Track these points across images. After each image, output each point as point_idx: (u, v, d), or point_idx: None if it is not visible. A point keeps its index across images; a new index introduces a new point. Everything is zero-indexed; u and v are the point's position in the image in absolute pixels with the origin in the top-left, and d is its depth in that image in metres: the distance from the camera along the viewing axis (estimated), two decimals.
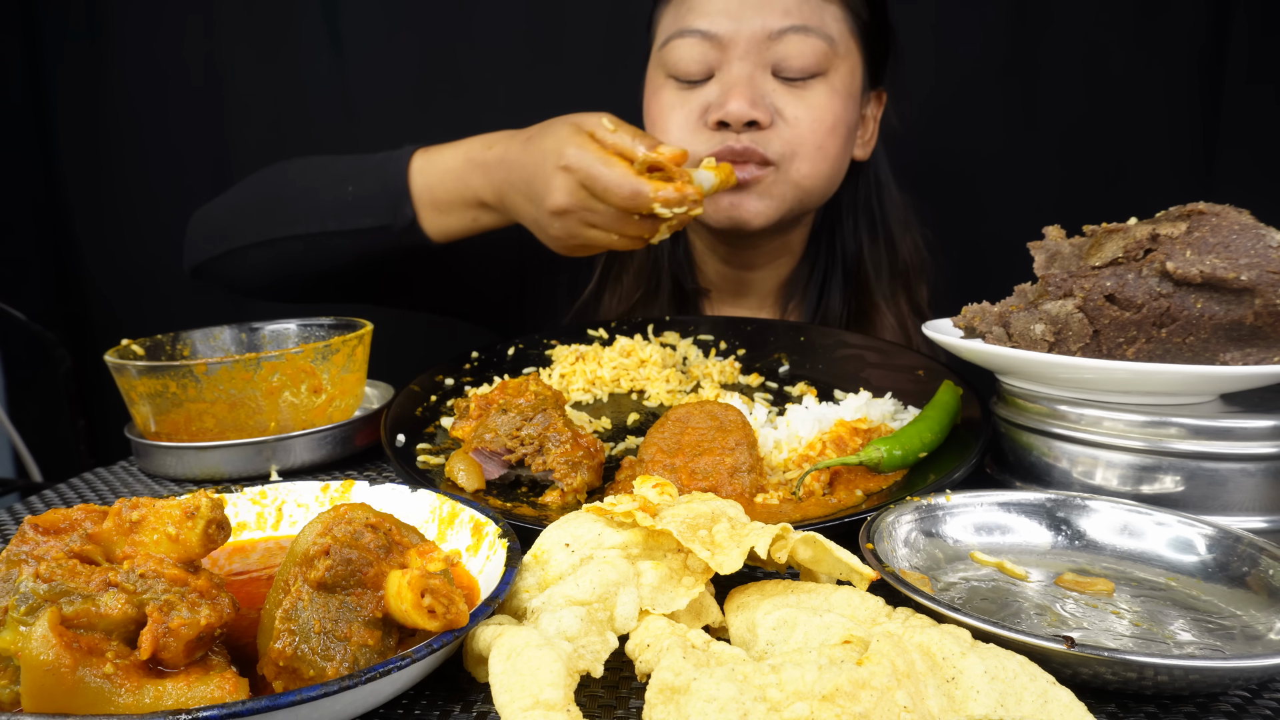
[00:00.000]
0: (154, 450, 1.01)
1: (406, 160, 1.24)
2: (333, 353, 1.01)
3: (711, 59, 1.27)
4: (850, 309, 1.46)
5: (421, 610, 0.52)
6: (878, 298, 1.45)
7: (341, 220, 1.26)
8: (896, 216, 1.49)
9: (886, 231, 1.48)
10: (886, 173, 1.50)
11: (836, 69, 1.29)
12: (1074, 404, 0.83)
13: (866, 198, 1.48)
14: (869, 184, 1.48)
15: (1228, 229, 0.78)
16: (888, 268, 1.48)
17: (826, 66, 1.28)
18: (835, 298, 1.47)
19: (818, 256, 1.49)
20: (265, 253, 1.31)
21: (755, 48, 1.25)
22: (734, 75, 1.25)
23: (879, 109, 1.45)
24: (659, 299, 1.48)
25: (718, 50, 1.26)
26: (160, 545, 0.54)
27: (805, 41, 1.25)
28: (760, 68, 1.26)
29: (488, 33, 1.98)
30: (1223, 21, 1.79)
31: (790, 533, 0.61)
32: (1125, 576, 0.70)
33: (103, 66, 2.10)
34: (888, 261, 1.48)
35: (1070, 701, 0.51)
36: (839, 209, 1.48)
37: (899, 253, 1.49)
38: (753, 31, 1.24)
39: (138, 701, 0.48)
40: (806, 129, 1.27)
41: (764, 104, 1.25)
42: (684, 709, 0.47)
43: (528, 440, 0.89)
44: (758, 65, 1.26)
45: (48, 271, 2.24)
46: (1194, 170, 1.87)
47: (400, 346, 1.75)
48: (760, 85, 1.26)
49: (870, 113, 1.44)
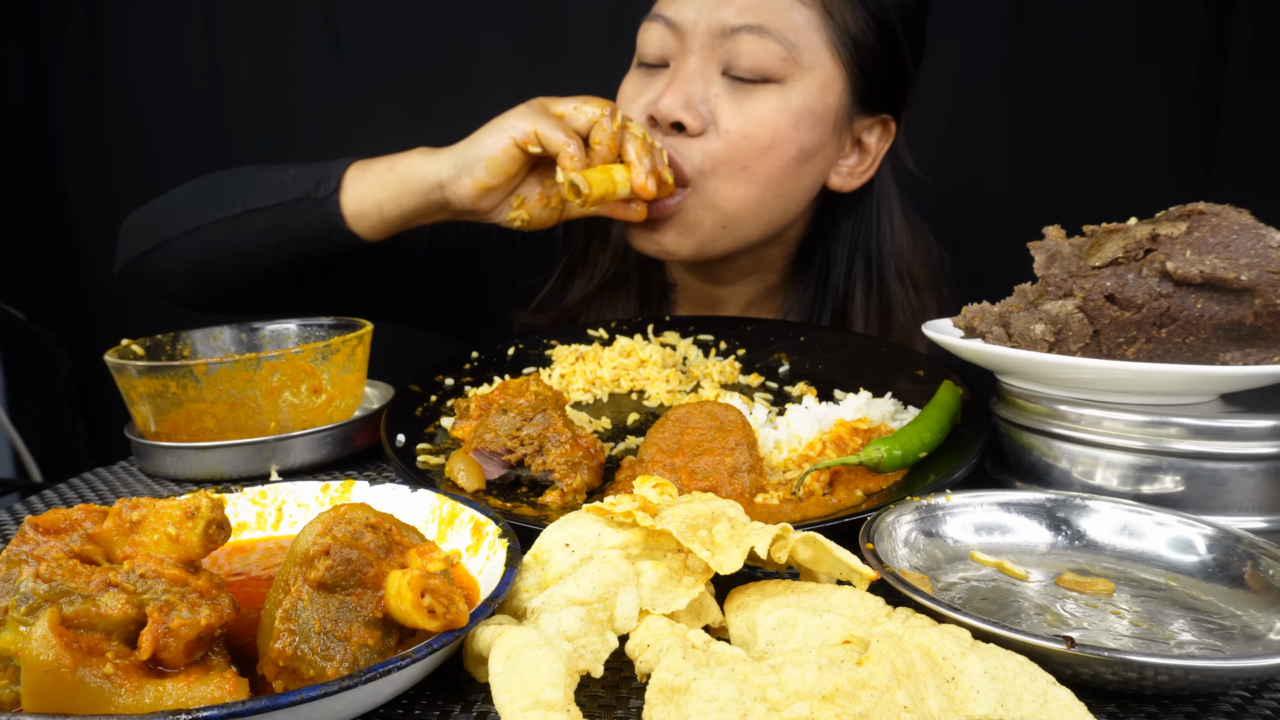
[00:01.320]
0: (154, 450, 1.01)
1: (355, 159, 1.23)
2: (333, 353, 1.01)
3: (670, 49, 1.22)
4: None
5: (421, 610, 0.52)
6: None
7: (264, 197, 1.22)
8: (895, 265, 1.37)
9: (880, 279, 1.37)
10: (891, 212, 1.37)
11: (797, 80, 1.19)
12: (1074, 404, 0.83)
13: (865, 235, 1.37)
14: (869, 219, 1.36)
15: (1228, 229, 0.78)
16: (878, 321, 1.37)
17: (783, 74, 1.18)
18: None
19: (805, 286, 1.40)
20: (188, 243, 1.26)
21: (709, 41, 1.18)
22: (681, 68, 1.20)
23: (886, 140, 1.33)
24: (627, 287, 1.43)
25: (677, 39, 1.21)
26: (160, 545, 0.54)
27: (759, 42, 1.16)
28: (712, 64, 1.19)
29: (488, 33, 1.98)
30: (1222, 21, 1.79)
31: (790, 533, 0.61)
32: (1125, 576, 0.70)
33: (103, 67, 2.10)
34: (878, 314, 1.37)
35: (1070, 701, 0.51)
36: (834, 239, 1.38)
37: (892, 307, 1.37)
38: (709, 24, 1.18)
39: (138, 702, 0.48)
40: (732, 144, 1.18)
41: (698, 108, 1.18)
42: (684, 709, 0.47)
43: (528, 440, 0.89)
44: (708, 61, 1.19)
45: (48, 271, 2.24)
46: (1194, 170, 1.87)
47: (400, 347, 1.75)
48: (705, 84, 1.19)
49: (872, 142, 1.32)
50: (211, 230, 1.25)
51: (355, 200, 1.19)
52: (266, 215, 1.22)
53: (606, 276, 1.43)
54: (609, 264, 1.43)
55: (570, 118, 1.13)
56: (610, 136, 1.12)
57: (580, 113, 1.13)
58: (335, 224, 1.20)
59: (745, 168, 1.19)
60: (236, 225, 1.23)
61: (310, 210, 1.20)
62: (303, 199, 1.20)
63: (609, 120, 1.12)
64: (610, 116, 1.13)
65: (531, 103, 1.14)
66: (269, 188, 1.23)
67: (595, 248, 1.45)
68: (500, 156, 1.12)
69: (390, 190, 1.18)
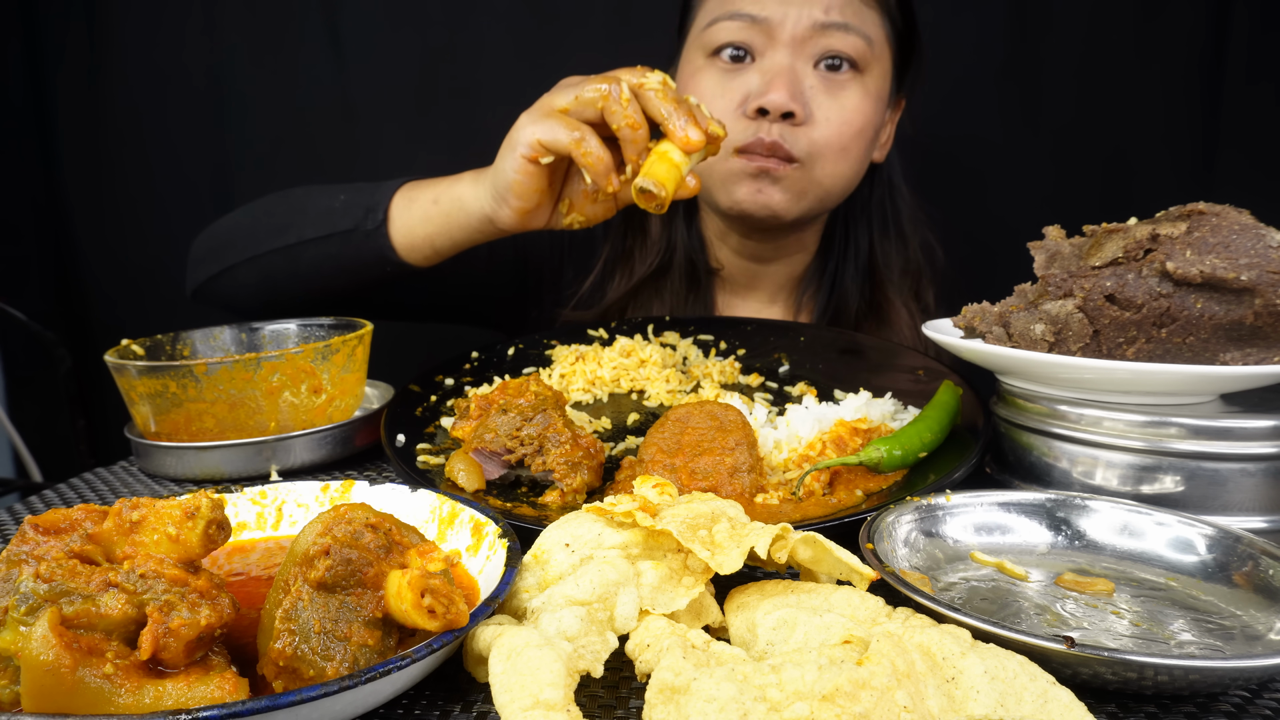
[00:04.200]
0: (154, 450, 1.01)
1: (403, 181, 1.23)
2: (333, 353, 1.01)
3: (757, 43, 1.30)
4: (865, 303, 1.49)
5: (421, 610, 0.52)
6: (890, 292, 1.48)
7: (318, 227, 1.24)
8: (908, 215, 1.53)
9: (899, 229, 1.52)
10: (899, 175, 1.53)
11: (872, 71, 1.33)
12: (1074, 404, 0.83)
13: (880, 199, 1.51)
14: (883, 186, 1.51)
15: (1228, 229, 0.78)
16: (899, 264, 1.51)
17: (865, 67, 1.31)
18: (850, 292, 1.50)
19: (830, 252, 1.52)
20: (251, 270, 1.30)
21: (800, 38, 1.28)
22: (777, 64, 1.28)
23: (897, 114, 1.48)
24: (670, 277, 1.48)
25: (764, 36, 1.29)
26: (160, 545, 0.54)
27: (848, 39, 1.28)
28: (802, 60, 1.29)
29: (488, 33, 1.98)
30: (1222, 22, 1.79)
31: (790, 533, 0.61)
32: (1125, 576, 0.70)
33: (103, 67, 2.10)
34: (899, 257, 1.51)
35: (1070, 701, 0.51)
36: (854, 208, 1.51)
37: (910, 250, 1.52)
38: (799, 21, 1.27)
39: (138, 702, 0.48)
40: (834, 131, 1.30)
41: (802, 98, 1.28)
42: (684, 709, 0.47)
43: (528, 440, 0.89)
44: (800, 57, 1.29)
45: (48, 271, 2.24)
46: (1194, 170, 1.87)
47: (400, 346, 1.75)
48: (801, 78, 1.29)
49: (890, 117, 1.46)
50: (271, 259, 1.28)
51: (404, 234, 1.20)
52: (320, 246, 1.24)
53: (649, 270, 1.47)
54: (652, 258, 1.47)
55: (575, 110, 1.03)
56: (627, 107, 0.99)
57: (583, 101, 1.01)
58: (387, 256, 1.21)
59: (845, 149, 1.33)
60: (293, 254, 1.26)
61: (361, 243, 1.21)
62: (353, 230, 1.21)
63: (617, 92, 0.99)
64: (616, 86, 1.00)
65: (534, 106, 1.07)
66: (320, 216, 1.25)
67: (631, 243, 1.50)
68: (521, 179, 1.06)
69: (437, 225, 1.18)
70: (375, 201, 1.21)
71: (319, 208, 1.26)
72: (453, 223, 1.16)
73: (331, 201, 1.25)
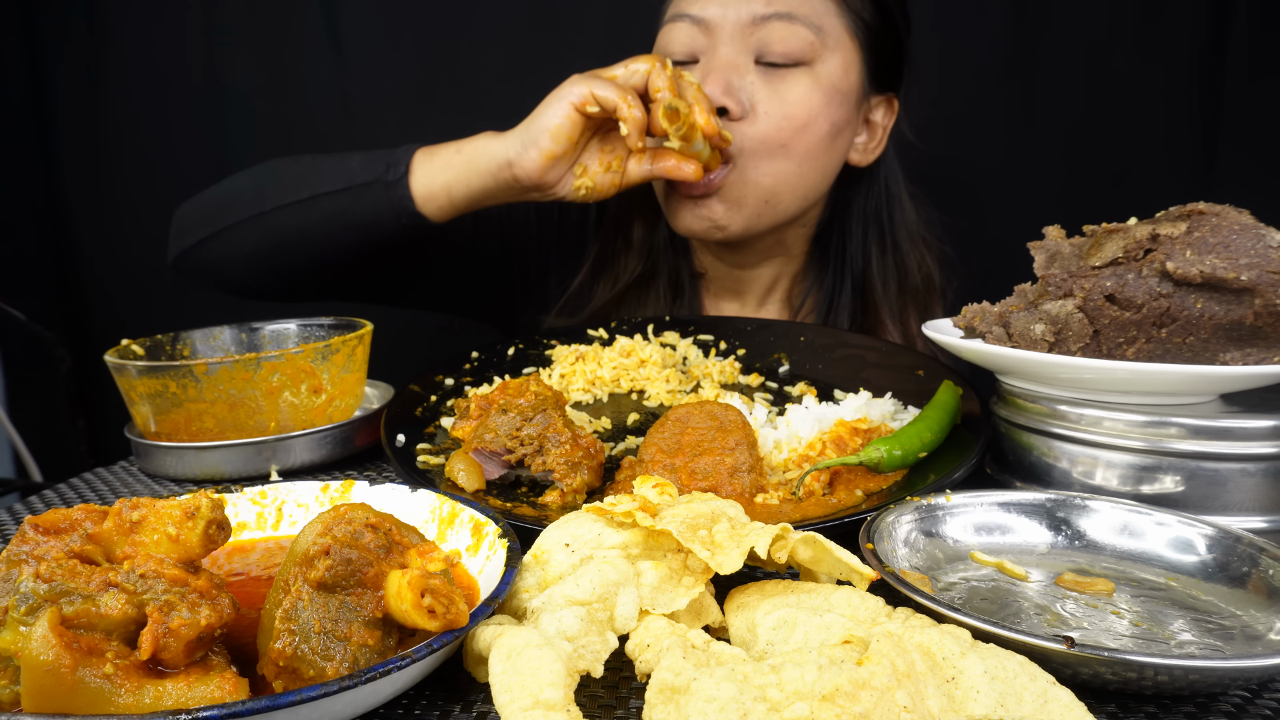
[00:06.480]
0: (154, 450, 1.01)
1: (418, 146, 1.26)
2: (333, 353, 1.01)
3: (699, 44, 1.29)
4: (857, 324, 1.45)
5: (421, 610, 0.52)
6: (884, 315, 1.43)
7: (333, 182, 1.26)
8: (906, 231, 1.47)
9: (894, 245, 1.46)
10: (899, 184, 1.48)
11: (824, 61, 1.27)
12: (1074, 404, 0.83)
13: (876, 209, 1.46)
14: (879, 193, 1.46)
15: (1228, 229, 0.78)
16: (895, 284, 1.45)
17: (812, 57, 1.26)
18: (843, 312, 1.46)
19: (826, 265, 1.48)
20: (252, 229, 1.29)
21: (740, 33, 1.26)
22: (715, 60, 1.27)
23: (890, 116, 1.42)
24: (655, 284, 1.47)
25: (706, 35, 1.28)
26: (160, 545, 0.54)
27: (789, 28, 1.25)
28: (744, 54, 1.26)
29: (488, 32, 1.98)
30: (1222, 21, 1.79)
31: (790, 533, 0.61)
32: (1125, 576, 0.70)
33: (103, 67, 2.10)
34: (895, 277, 1.45)
35: (1070, 701, 0.51)
36: (848, 217, 1.46)
37: (907, 269, 1.46)
38: (738, 16, 1.25)
39: (138, 702, 0.48)
40: (773, 125, 1.26)
41: (738, 94, 1.25)
42: (684, 709, 0.47)
43: (528, 440, 0.89)
44: (741, 51, 1.26)
45: (48, 271, 2.24)
46: (1194, 170, 1.87)
47: (400, 346, 1.75)
48: (740, 73, 1.26)
49: (879, 119, 1.41)
50: (279, 215, 1.28)
51: (424, 182, 1.23)
52: (335, 199, 1.26)
53: (632, 277, 1.47)
54: (634, 265, 1.47)
55: (623, 78, 1.17)
56: (668, 81, 1.15)
57: (631, 71, 1.17)
58: (405, 206, 1.24)
59: (784, 145, 1.27)
60: (305, 209, 1.27)
61: (380, 194, 1.24)
62: (372, 183, 1.24)
63: (661, 69, 1.16)
64: (661, 65, 1.17)
65: (582, 74, 1.18)
66: (335, 173, 1.27)
67: (618, 249, 1.49)
68: (564, 124, 1.16)
69: (458, 171, 1.22)
70: (395, 158, 1.25)
71: (332, 167, 1.28)
72: (473, 168, 1.21)
73: (346, 161, 1.28)
